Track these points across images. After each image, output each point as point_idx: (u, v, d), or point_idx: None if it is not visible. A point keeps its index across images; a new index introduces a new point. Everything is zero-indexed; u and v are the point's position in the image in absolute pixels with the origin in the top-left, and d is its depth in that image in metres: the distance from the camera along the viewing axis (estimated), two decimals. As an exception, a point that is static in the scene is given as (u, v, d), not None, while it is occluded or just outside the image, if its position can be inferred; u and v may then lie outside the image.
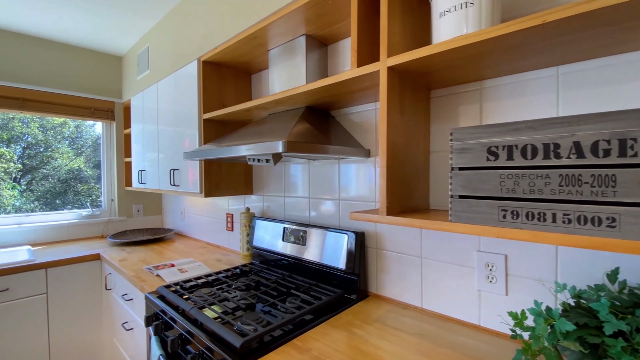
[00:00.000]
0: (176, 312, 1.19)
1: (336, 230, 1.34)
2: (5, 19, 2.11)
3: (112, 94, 2.76)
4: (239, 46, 1.52)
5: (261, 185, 1.91)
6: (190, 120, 1.79)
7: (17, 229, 2.30)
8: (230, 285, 1.41)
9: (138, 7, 1.99)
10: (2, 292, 1.78)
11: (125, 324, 1.72)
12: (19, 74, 2.31)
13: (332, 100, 1.30)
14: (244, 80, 1.91)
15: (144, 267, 1.75)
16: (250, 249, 1.84)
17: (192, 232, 2.57)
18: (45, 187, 3.18)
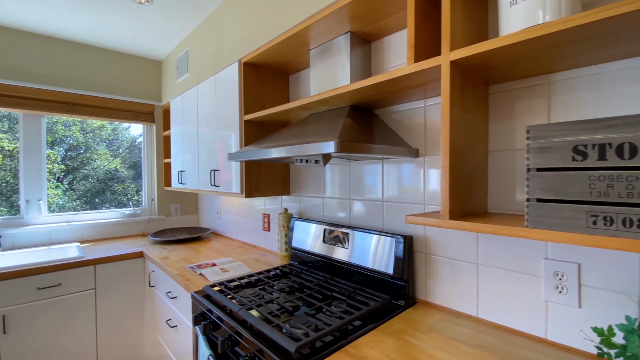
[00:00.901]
0: (223, 312, 1.19)
1: (381, 233, 1.30)
2: (56, 27, 2.24)
3: (152, 98, 2.87)
4: (281, 46, 1.52)
5: (298, 186, 1.90)
6: (230, 122, 1.81)
7: (66, 227, 2.44)
8: (272, 286, 1.41)
9: (178, 12, 2.04)
10: (55, 287, 1.89)
11: (169, 321, 1.76)
12: (69, 79, 2.45)
13: (378, 98, 1.25)
14: (282, 81, 1.91)
15: (186, 266, 1.79)
16: (288, 249, 1.83)
17: (228, 231, 2.61)
18: (85, 186, 3.35)
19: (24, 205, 2.32)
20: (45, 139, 2.43)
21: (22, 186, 2.33)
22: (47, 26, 2.20)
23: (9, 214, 2.53)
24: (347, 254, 1.42)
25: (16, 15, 2.04)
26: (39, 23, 2.15)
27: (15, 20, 2.11)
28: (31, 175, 2.36)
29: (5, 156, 2.83)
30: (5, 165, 2.90)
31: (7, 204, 2.76)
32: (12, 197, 2.94)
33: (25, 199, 2.33)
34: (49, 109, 2.36)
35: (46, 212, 2.40)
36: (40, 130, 2.40)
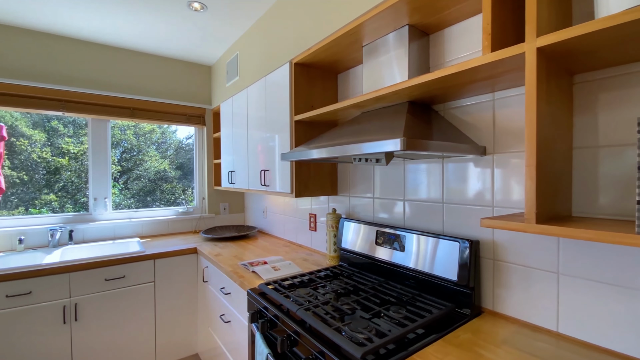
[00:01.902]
0: (280, 311, 1.19)
1: (443, 237, 1.22)
2: (117, 38, 2.42)
3: (203, 101, 3.01)
4: (333, 45, 1.50)
5: (347, 186, 1.86)
6: (280, 122, 1.82)
7: (128, 223, 2.63)
8: (324, 286, 1.39)
9: (229, 17, 2.10)
10: (120, 279, 2.03)
11: (222, 316, 1.82)
12: (130, 86, 2.64)
13: (440, 93, 1.18)
14: (330, 80, 1.89)
15: (238, 263, 1.83)
16: (337, 250, 1.80)
17: (274, 230, 2.65)
18: (138, 186, 3.59)
19: (92, 202, 2.54)
20: (110, 142, 2.63)
21: (90, 185, 2.55)
22: (110, 36, 2.39)
23: (73, 210, 2.79)
24: (403, 258, 1.36)
25: (83, 26, 2.24)
26: (103, 34, 2.34)
27: (85, 32, 2.31)
28: (98, 175, 2.57)
29: (70, 158, 3.13)
30: (71, 166, 3.22)
31: (72, 202, 3.06)
32: (76, 195, 3.25)
33: (93, 197, 2.55)
34: (114, 114, 2.56)
35: (111, 209, 2.61)
36: (107, 133, 2.61)
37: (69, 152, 3.15)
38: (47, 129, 3.22)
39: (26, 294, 1.75)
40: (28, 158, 2.98)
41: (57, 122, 3.37)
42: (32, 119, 3.05)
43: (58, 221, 2.38)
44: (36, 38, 2.26)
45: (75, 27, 2.21)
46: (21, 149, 2.86)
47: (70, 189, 3.15)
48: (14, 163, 2.72)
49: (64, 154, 3.16)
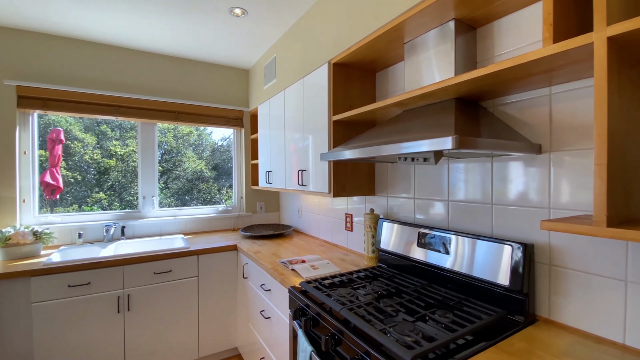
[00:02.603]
0: (322, 310, 1.20)
1: (493, 240, 1.17)
2: (164, 46, 2.57)
3: (241, 104, 3.11)
4: (374, 43, 1.48)
5: (385, 186, 1.84)
6: (318, 123, 1.84)
7: (173, 220, 2.78)
8: (365, 287, 1.38)
9: (267, 21, 2.16)
10: (167, 272, 2.15)
11: (262, 312, 1.87)
12: (174, 90, 2.79)
13: (490, 89, 1.13)
14: (368, 79, 1.87)
15: (278, 261, 1.87)
16: (375, 251, 1.79)
17: (308, 229, 2.67)
18: (177, 185, 3.78)
19: (141, 200, 2.72)
20: (157, 144, 2.80)
21: (140, 184, 2.73)
22: (157, 45, 2.54)
23: (120, 207, 3.01)
24: (448, 260, 1.31)
25: (135, 37, 2.40)
26: (152, 43, 2.50)
27: (135, 42, 2.48)
28: (147, 175, 2.75)
29: (117, 159, 3.38)
30: (118, 167, 3.46)
31: (119, 200, 3.30)
32: (122, 194, 3.49)
33: (142, 195, 2.72)
34: (160, 117, 2.72)
35: (157, 207, 2.78)
36: (154, 136, 2.78)
37: (116, 153, 3.39)
38: (97, 133, 3.50)
39: (85, 285, 1.91)
40: (81, 159, 3.25)
41: (105, 126, 3.65)
42: (84, 124, 3.33)
43: (111, 218, 2.58)
44: (92, 48, 2.46)
45: (127, 37, 2.38)
46: (75, 151, 3.13)
47: (117, 188, 3.39)
48: (69, 164, 2.98)
49: (112, 156, 3.41)
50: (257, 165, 3.11)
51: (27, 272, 1.76)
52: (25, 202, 2.28)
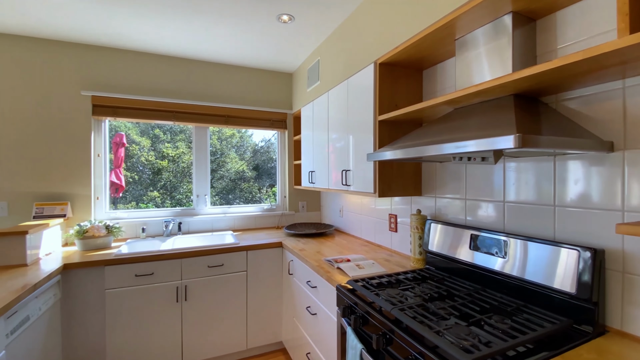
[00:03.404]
0: (372, 309, 1.22)
1: (557, 244, 1.10)
2: (215, 54, 2.74)
3: (284, 107, 3.21)
4: (423, 41, 1.46)
5: (432, 187, 1.80)
6: (363, 123, 1.85)
7: (223, 217, 2.95)
8: (414, 288, 1.37)
9: (312, 25, 2.21)
10: (219, 266, 2.30)
11: (308, 308, 1.92)
12: (224, 96, 2.96)
13: (552, 83, 1.07)
14: (415, 77, 1.85)
15: (323, 259, 1.92)
16: (423, 253, 1.75)
17: (350, 229, 2.69)
18: (222, 185, 3.98)
19: (195, 199, 2.92)
20: (209, 146, 2.99)
21: (194, 184, 2.93)
22: (209, 54, 2.71)
23: (170, 205, 3.25)
24: (504, 264, 1.26)
25: (190, 48, 2.59)
26: (204, 52, 2.68)
27: (190, 52, 2.67)
28: (200, 175, 2.95)
29: (169, 161, 3.65)
30: (169, 167, 3.75)
31: (170, 198, 3.56)
32: (173, 193, 3.77)
33: (196, 194, 2.92)
34: (212, 121, 2.91)
35: (209, 205, 2.96)
36: (207, 139, 2.97)
37: (168, 155, 3.68)
38: (151, 136, 3.83)
39: (150, 275, 2.10)
40: (137, 161, 3.57)
41: (158, 130, 3.97)
42: (140, 128, 3.66)
43: (170, 214, 2.80)
44: (154, 60, 2.70)
45: (183, 48, 2.57)
46: (133, 153, 3.44)
47: (169, 187, 3.67)
48: (128, 165, 3.28)
49: (164, 157, 3.71)
50: (299, 165, 3.19)
51: (101, 262, 1.99)
52: (99, 199, 2.56)
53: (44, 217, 2.27)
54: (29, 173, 2.34)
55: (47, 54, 2.40)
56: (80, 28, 2.23)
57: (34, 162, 2.35)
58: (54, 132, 2.41)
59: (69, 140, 2.44)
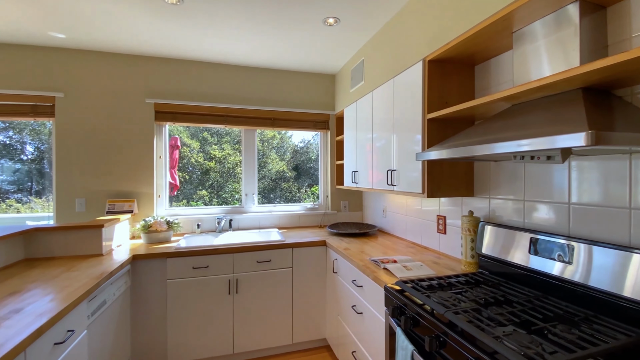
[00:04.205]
0: (423, 310, 1.20)
1: (633, 250, 1.00)
2: (262, 60, 2.85)
3: (326, 108, 3.26)
4: (477, 36, 1.41)
5: (486, 187, 1.72)
6: (410, 122, 1.82)
7: (269, 215, 3.07)
8: (467, 292, 1.32)
9: (356, 26, 2.22)
10: (267, 262, 2.40)
11: (354, 307, 1.94)
12: (271, 99, 3.08)
13: (628, 75, 0.97)
14: (466, 73, 1.78)
15: (368, 259, 1.92)
16: (475, 256, 1.68)
17: (394, 230, 2.65)
18: (263, 184, 4.12)
19: (244, 197, 3.08)
20: (257, 148, 3.14)
21: (243, 183, 3.09)
22: (257, 60, 2.84)
23: (217, 204, 3.44)
24: (569, 271, 1.17)
25: (239, 54, 2.73)
26: (252, 59, 2.81)
27: (240, 59, 2.82)
28: (248, 174, 3.10)
29: (216, 162, 3.87)
30: (216, 168, 3.98)
31: (217, 197, 3.77)
32: (219, 192, 3.99)
33: (244, 193, 3.08)
34: (259, 124, 3.04)
35: (257, 203, 3.10)
36: (254, 141, 3.11)
37: (215, 157, 3.91)
38: (200, 139, 4.10)
39: (205, 267, 2.26)
40: (188, 162, 3.84)
41: (206, 133, 4.24)
42: (190, 131, 3.94)
43: (221, 212, 2.98)
44: (207, 68, 2.89)
45: (233, 56, 2.73)
46: (184, 155, 3.71)
47: (216, 187, 3.90)
48: (179, 166, 3.54)
49: (212, 159, 3.95)
50: (341, 165, 3.21)
51: (164, 254, 2.18)
52: (160, 197, 2.81)
53: (115, 213, 2.55)
54: (102, 173, 2.64)
55: (116, 66, 2.68)
56: (145, 43, 2.46)
57: (107, 163, 2.65)
58: (123, 137, 2.68)
59: (135, 144, 2.71)
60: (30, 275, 1.69)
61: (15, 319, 1.18)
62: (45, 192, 4.38)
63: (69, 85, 2.58)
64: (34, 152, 4.43)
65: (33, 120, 2.53)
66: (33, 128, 4.32)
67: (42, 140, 4.39)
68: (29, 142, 4.44)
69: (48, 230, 2.06)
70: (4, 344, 1.00)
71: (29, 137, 4.41)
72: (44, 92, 2.53)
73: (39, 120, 2.55)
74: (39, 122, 4.06)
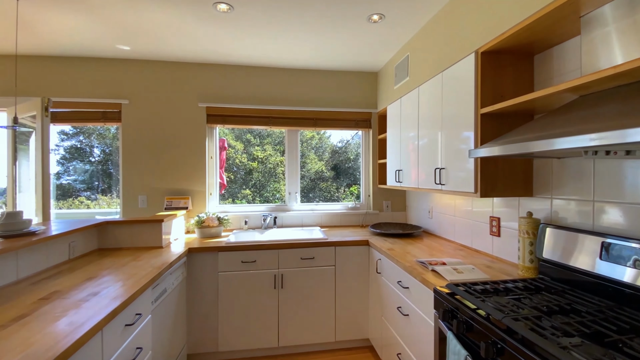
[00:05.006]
0: (477, 315, 1.14)
1: None
2: (304, 61, 2.90)
3: (369, 106, 3.22)
4: (538, 23, 1.31)
5: (547, 186, 1.59)
6: (460, 118, 1.74)
7: (311, 213, 3.12)
8: (526, 299, 1.23)
9: (401, 22, 2.16)
10: (311, 259, 2.44)
11: (399, 309, 1.90)
12: (314, 100, 3.12)
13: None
14: (524, 64, 1.65)
15: (415, 260, 1.87)
16: (534, 261, 1.56)
17: (441, 231, 2.55)
18: (303, 184, 4.18)
19: (287, 196, 3.16)
20: (299, 148, 3.20)
21: (286, 182, 3.18)
22: (299, 62, 2.90)
23: (259, 202, 3.54)
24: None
25: (284, 57, 2.81)
26: (296, 61, 2.87)
27: (283, 62, 2.90)
28: (291, 173, 3.17)
29: (258, 162, 4.00)
30: (258, 168, 4.11)
31: (259, 196, 3.90)
32: (262, 191, 4.12)
33: (288, 191, 3.16)
34: (302, 124, 3.10)
35: (299, 202, 3.17)
36: (297, 141, 3.18)
37: (258, 157, 4.05)
38: (243, 140, 4.27)
39: (252, 262, 2.36)
40: (233, 163, 4.02)
41: (250, 135, 4.41)
42: (235, 133, 4.12)
43: (266, 209, 3.09)
44: (253, 72, 3.01)
45: (276, 59, 2.81)
46: (229, 155, 3.89)
47: (258, 186, 4.04)
48: (224, 167, 3.72)
49: (254, 159, 4.10)
50: (384, 164, 3.16)
51: (216, 248, 2.31)
52: (211, 194, 2.99)
53: (172, 209, 2.76)
54: (161, 172, 2.87)
55: (172, 73, 2.90)
56: (197, 50, 2.64)
57: (165, 163, 2.88)
58: (179, 139, 2.90)
59: (190, 145, 2.91)
60: (103, 263, 1.89)
61: (93, 301, 1.33)
62: (110, 190, 4.88)
63: (133, 93, 2.85)
64: (100, 155, 4.96)
65: (103, 125, 2.83)
66: (99, 133, 4.84)
67: (107, 144, 4.91)
68: (96, 146, 4.98)
69: (117, 223, 2.29)
70: (85, 322, 1.14)
71: (96, 141, 4.95)
72: (112, 100, 2.82)
73: (108, 125, 2.85)
74: (104, 127, 4.54)
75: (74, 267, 1.82)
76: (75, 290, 1.45)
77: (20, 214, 1.77)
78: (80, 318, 1.16)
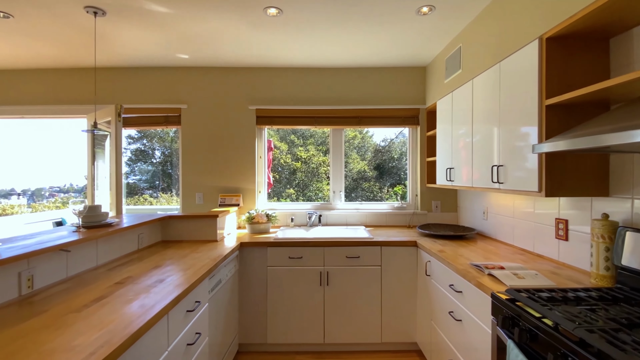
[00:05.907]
0: (542, 323, 1.05)
1: None
2: (349, 61, 2.89)
3: (416, 102, 3.12)
4: (616, 1, 1.16)
5: (626, 185, 1.40)
6: (520, 110, 1.61)
7: (355, 213, 3.11)
8: (601, 309, 1.10)
9: (453, 13, 2.06)
10: (356, 258, 2.43)
11: (451, 313, 1.81)
12: (357, 98, 3.10)
13: None
14: (597, 49, 1.48)
15: (469, 263, 1.77)
16: (611, 268, 1.39)
17: (497, 234, 2.38)
18: (345, 183, 4.14)
19: (332, 194, 3.18)
20: (344, 148, 3.21)
21: (331, 181, 3.20)
22: (344, 61, 2.89)
23: (302, 201, 3.59)
24: None
25: (329, 57, 2.82)
26: (341, 60, 2.87)
27: (329, 61, 2.92)
28: (336, 172, 3.19)
29: (302, 162, 4.06)
30: (302, 168, 4.18)
31: (302, 195, 3.95)
32: (304, 190, 4.18)
33: (332, 190, 3.18)
34: (346, 123, 3.10)
35: (343, 201, 3.17)
36: (342, 140, 3.19)
37: (301, 157, 4.12)
38: (287, 141, 4.37)
39: (299, 258, 2.41)
40: (278, 163, 4.13)
41: (293, 136, 4.50)
42: (279, 134, 4.23)
43: (311, 207, 3.14)
44: (297, 73, 3.09)
45: (328, 59, 2.84)
46: (275, 156, 4.00)
47: (301, 185, 4.11)
48: (271, 166, 3.84)
49: (298, 159, 4.17)
50: (433, 162, 3.03)
51: (265, 243, 2.41)
52: (260, 192, 3.12)
53: (225, 205, 2.93)
54: (215, 171, 3.07)
55: (225, 78, 3.08)
56: (248, 54, 2.77)
57: (219, 162, 3.07)
58: (231, 140, 3.07)
59: (241, 145, 3.07)
60: (166, 254, 2.07)
61: (159, 287, 1.46)
62: (170, 189, 5.32)
63: (190, 97, 3.08)
64: (160, 156, 5.45)
65: (165, 128, 3.10)
66: (160, 136, 5.31)
67: (166, 146, 5.37)
68: (157, 148, 5.48)
69: (178, 218, 2.50)
70: (154, 305, 1.25)
71: (157, 144, 5.44)
72: (173, 105, 3.07)
73: (169, 128, 3.11)
74: (164, 131, 4.97)
75: (142, 256, 2.02)
76: (144, 276, 1.61)
77: (99, 207, 2.01)
78: (150, 301, 1.28)
